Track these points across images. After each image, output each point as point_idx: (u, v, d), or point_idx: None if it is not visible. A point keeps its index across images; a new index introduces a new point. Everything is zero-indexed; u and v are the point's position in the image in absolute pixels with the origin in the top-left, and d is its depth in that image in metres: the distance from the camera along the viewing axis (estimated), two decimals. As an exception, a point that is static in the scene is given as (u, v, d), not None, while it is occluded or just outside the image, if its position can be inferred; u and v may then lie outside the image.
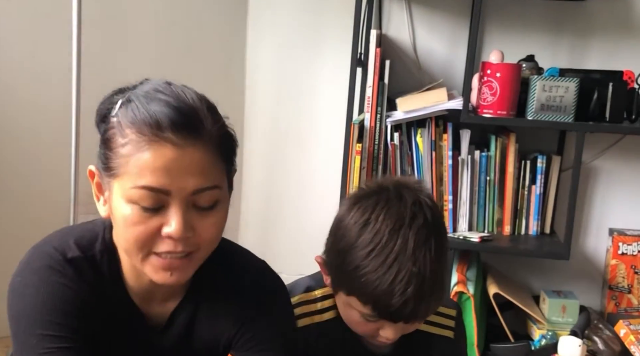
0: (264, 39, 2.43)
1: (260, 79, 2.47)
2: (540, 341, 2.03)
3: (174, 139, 0.87)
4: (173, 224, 0.88)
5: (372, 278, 0.97)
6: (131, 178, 0.87)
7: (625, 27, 2.20)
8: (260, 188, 2.51)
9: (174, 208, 0.89)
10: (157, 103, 0.89)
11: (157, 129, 0.86)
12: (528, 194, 2.14)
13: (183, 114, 0.88)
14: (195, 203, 0.90)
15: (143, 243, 0.90)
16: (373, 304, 0.99)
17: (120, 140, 0.88)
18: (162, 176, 0.87)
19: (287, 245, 2.48)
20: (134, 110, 0.89)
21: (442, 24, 2.29)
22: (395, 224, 0.99)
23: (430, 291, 0.99)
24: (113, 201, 0.91)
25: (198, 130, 0.89)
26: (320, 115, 2.42)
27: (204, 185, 0.90)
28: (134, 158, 0.87)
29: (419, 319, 1.03)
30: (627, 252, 2.22)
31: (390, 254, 0.97)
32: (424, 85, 2.20)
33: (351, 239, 1.02)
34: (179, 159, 0.87)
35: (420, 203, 1.02)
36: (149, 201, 0.88)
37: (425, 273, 0.97)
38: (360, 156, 2.06)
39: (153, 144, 0.86)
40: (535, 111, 1.96)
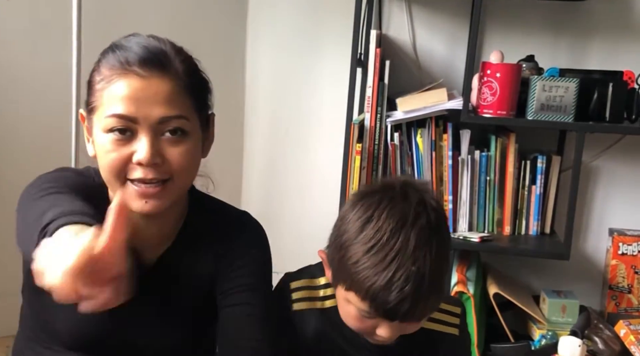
0: (264, 39, 2.43)
1: (260, 79, 2.47)
2: (540, 341, 2.03)
3: (140, 72, 0.97)
4: (141, 150, 0.97)
5: (370, 274, 0.98)
6: (105, 108, 0.97)
7: (625, 27, 2.20)
8: (260, 188, 2.51)
9: (142, 135, 0.97)
10: (129, 43, 1.01)
11: (125, 64, 0.97)
12: (528, 194, 2.14)
13: (150, 51, 0.99)
14: (162, 131, 0.98)
15: (118, 169, 0.98)
16: (370, 300, 0.99)
17: (97, 78, 1.00)
18: (129, 103, 0.96)
19: (287, 245, 2.48)
20: (110, 54, 1.00)
21: (442, 24, 2.29)
22: (398, 222, 0.99)
23: (429, 291, 0.99)
24: (94, 135, 1.01)
25: (163, 65, 0.99)
26: (320, 115, 2.42)
27: (169, 113, 0.98)
28: (106, 91, 0.98)
29: (415, 319, 1.03)
30: (627, 252, 2.22)
31: (390, 251, 0.98)
32: (424, 85, 2.20)
33: (353, 234, 1.02)
34: (144, 89, 0.97)
35: (425, 203, 1.03)
36: (120, 127, 0.97)
37: (424, 273, 0.98)
38: (360, 156, 2.06)
39: (121, 76, 0.97)
40: (535, 111, 1.96)
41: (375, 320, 1.03)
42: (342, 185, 2.09)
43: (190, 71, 1.03)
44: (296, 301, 1.15)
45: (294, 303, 1.15)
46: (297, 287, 1.16)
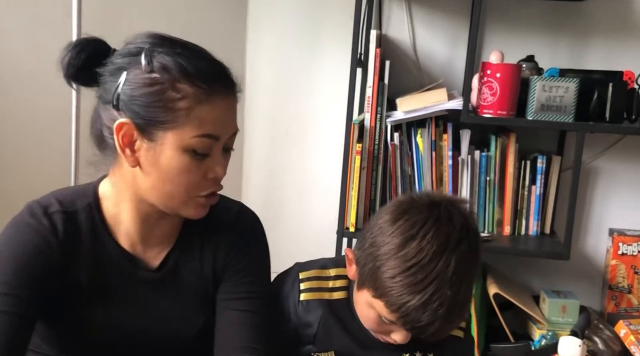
0: (264, 39, 2.43)
1: (260, 79, 2.46)
2: (540, 341, 2.03)
3: (222, 90, 1.00)
4: (218, 168, 1.03)
5: (406, 292, 0.99)
6: (192, 128, 0.98)
7: (625, 27, 2.20)
8: (260, 188, 2.51)
9: (217, 152, 1.02)
10: (196, 59, 1.00)
11: (210, 82, 0.99)
12: (528, 194, 2.14)
13: (220, 67, 1.03)
14: (226, 146, 1.05)
15: (193, 188, 1.02)
16: (401, 315, 1.01)
17: (174, 94, 0.97)
18: (218, 124, 1.00)
19: (287, 245, 2.48)
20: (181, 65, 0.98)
21: (442, 24, 2.29)
22: (441, 246, 1.01)
23: (457, 316, 1.03)
24: (163, 152, 0.99)
25: (232, 81, 1.04)
26: (320, 115, 2.42)
27: (236, 129, 1.06)
28: (195, 110, 0.97)
29: (436, 338, 1.06)
30: (627, 252, 2.22)
31: (430, 274, 0.99)
32: (424, 85, 2.20)
33: (393, 249, 1.02)
34: (227, 108, 1.02)
35: (468, 229, 1.04)
36: (204, 148, 1.00)
37: (458, 298, 1.00)
38: (360, 156, 2.06)
39: (210, 97, 0.98)
40: (535, 111, 1.96)
41: (394, 326, 1.06)
42: (342, 185, 2.09)
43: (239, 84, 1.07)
44: (304, 291, 1.16)
45: (301, 293, 1.16)
46: (306, 277, 1.18)
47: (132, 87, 0.98)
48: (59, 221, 1.05)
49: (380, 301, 1.03)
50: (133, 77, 0.98)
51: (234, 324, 1.10)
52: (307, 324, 1.14)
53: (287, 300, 1.17)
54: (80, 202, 1.08)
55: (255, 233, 1.18)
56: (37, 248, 1.02)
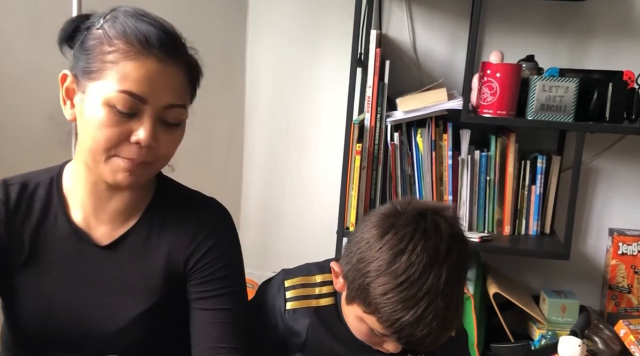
0: (264, 39, 2.43)
1: (260, 79, 2.47)
2: (540, 341, 2.03)
3: (159, 55, 0.98)
4: (143, 132, 0.98)
5: (399, 308, 0.98)
6: (114, 82, 0.96)
7: (625, 27, 2.20)
8: (261, 188, 2.51)
9: (147, 117, 0.98)
10: (145, 23, 1.00)
11: (145, 43, 0.97)
12: (528, 194, 2.14)
13: (168, 35, 1.01)
14: (163, 117, 1.00)
15: (111, 145, 0.99)
16: (395, 330, 1.00)
17: (107, 48, 0.98)
18: (144, 84, 0.97)
19: (287, 245, 2.48)
20: (123, 25, 0.99)
21: (442, 24, 2.29)
22: (431, 258, 0.99)
23: (450, 323, 1.02)
24: (86, 102, 1.00)
25: (178, 51, 1.01)
26: (320, 115, 2.42)
27: (176, 101, 1.01)
28: (120, 65, 0.96)
29: (431, 348, 1.05)
30: (627, 252, 2.22)
31: (422, 287, 0.98)
32: (424, 85, 2.20)
33: (382, 265, 1.01)
34: (161, 73, 0.98)
35: (455, 237, 1.03)
36: (126, 105, 0.97)
37: (451, 308, 1.00)
38: (360, 156, 2.07)
39: (140, 56, 0.97)
40: (535, 111, 1.96)
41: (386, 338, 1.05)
42: (342, 185, 2.09)
43: (192, 59, 1.05)
44: (290, 300, 1.14)
45: (287, 301, 1.14)
46: (291, 285, 1.16)
47: (82, 42, 1.02)
48: (14, 192, 1.08)
49: (372, 316, 1.02)
50: (88, 35, 1.02)
51: (207, 324, 1.07)
52: (295, 333, 1.13)
53: (274, 308, 1.15)
54: (43, 176, 1.11)
55: (222, 226, 1.14)
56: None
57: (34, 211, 1.08)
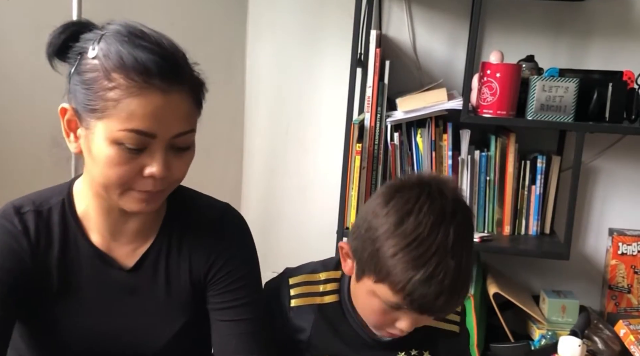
0: (264, 39, 2.43)
1: (260, 79, 2.47)
2: (540, 341, 2.03)
3: (162, 86, 0.92)
4: (156, 166, 0.95)
5: (409, 267, 0.97)
6: (120, 121, 0.92)
7: (625, 27, 2.20)
8: (260, 188, 2.51)
9: (158, 150, 0.95)
10: (142, 50, 0.93)
11: (146, 76, 0.91)
12: (528, 194, 2.14)
13: (167, 61, 0.94)
14: (173, 145, 0.97)
15: (125, 181, 0.96)
16: (407, 293, 0.98)
17: (107, 83, 0.92)
18: (150, 120, 0.92)
19: (287, 245, 2.48)
20: (119, 54, 0.93)
21: (442, 24, 2.29)
22: (438, 217, 1.00)
23: (462, 286, 1.01)
24: (94, 140, 0.95)
25: (181, 76, 0.95)
26: (320, 115, 2.42)
27: (185, 129, 0.97)
28: (123, 103, 0.91)
29: (445, 313, 1.05)
30: (627, 252, 2.22)
31: (431, 246, 0.98)
32: (424, 85, 2.20)
33: (390, 227, 1.01)
34: (166, 105, 0.93)
35: (459, 200, 1.05)
36: (135, 143, 0.93)
37: (461, 268, 0.99)
38: (360, 156, 2.07)
39: (143, 91, 0.91)
40: (535, 111, 1.96)
41: (399, 313, 1.04)
42: (342, 185, 2.09)
43: (196, 78, 1.00)
44: (294, 297, 1.15)
45: (292, 299, 1.15)
46: (295, 283, 1.16)
47: (78, 71, 0.97)
48: (31, 220, 1.04)
49: (383, 285, 1.01)
50: (82, 62, 0.97)
51: (226, 335, 1.07)
52: (299, 329, 1.13)
53: (279, 307, 1.15)
54: (54, 199, 1.07)
55: (240, 235, 1.14)
56: (9, 249, 1.02)
57: (54, 239, 1.05)
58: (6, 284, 1.00)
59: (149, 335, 1.07)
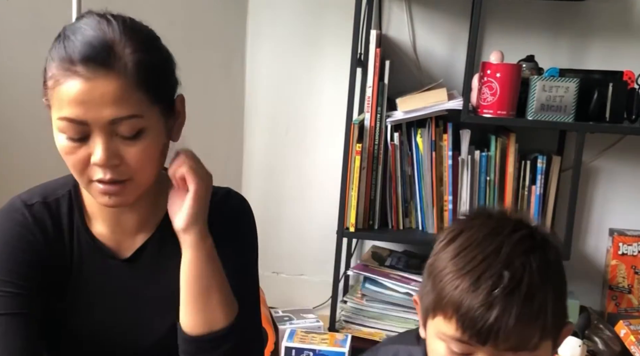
0: (264, 39, 2.43)
1: (260, 79, 2.47)
2: (540, 341, 2.03)
3: (83, 72, 0.91)
4: (96, 153, 0.94)
5: (455, 277, 0.86)
6: (55, 110, 0.95)
7: (625, 27, 2.20)
8: (260, 188, 2.51)
9: (96, 137, 0.94)
10: (75, 39, 0.94)
11: (69, 63, 0.92)
12: (528, 194, 2.14)
13: (93, 48, 0.92)
14: (117, 132, 0.94)
15: (79, 171, 0.96)
16: (455, 310, 0.85)
17: (49, 72, 0.95)
18: (76, 107, 0.92)
19: (287, 245, 2.48)
20: (58, 46, 0.96)
21: (442, 24, 2.29)
22: (492, 231, 0.88)
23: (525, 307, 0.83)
24: (54, 131, 0.98)
25: (108, 63, 0.92)
26: (320, 115, 2.42)
27: (120, 114, 0.93)
28: (55, 91, 0.94)
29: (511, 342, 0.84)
30: (627, 252, 2.22)
31: (479, 254, 0.86)
32: (424, 85, 2.20)
33: (440, 250, 0.91)
34: (89, 91, 0.91)
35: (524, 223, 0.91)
36: (72, 131, 0.94)
37: (519, 281, 0.83)
38: (360, 156, 2.06)
39: (66, 78, 0.92)
40: (535, 111, 1.96)
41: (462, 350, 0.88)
42: (342, 185, 2.09)
43: (142, 62, 0.95)
44: None
45: None
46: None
47: None
48: (40, 212, 1.04)
49: (439, 316, 0.88)
50: None
51: None
52: None
53: None
54: (60, 191, 1.07)
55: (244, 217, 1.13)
56: (26, 241, 1.02)
57: (64, 230, 1.05)
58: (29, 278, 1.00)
59: (141, 328, 1.07)
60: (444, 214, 2.14)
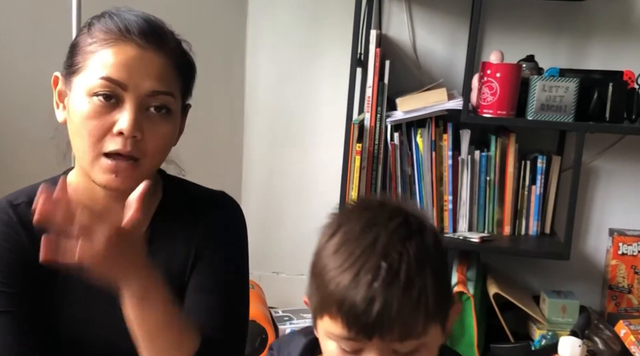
0: (264, 39, 2.43)
1: (260, 79, 2.47)
2: (540, 341, 2.03)
3: (139, 41, 0.97)
4: (125, 120, 0.95)
5: (336, 274, 0.85)
6: (94, 70, 0.96)
7: (625, 27, 2.20)
8: (260, 188, 2.51)
9: (128, 104, 0.96)
10: (128, 15, 1.01)
11: (125, 31, 0.97)
12: (528, 194, 2.14)
13: (150, 24, 1.01)
14: (149, 105, 0.98)
15: (96, 138, 0.97)
16: (338, 307, 0.84)
17: (88, 40, 0.99)
18: (122, 70, 0.96)
19: (287, 245, 2.48)
20: (106, 19, 1.00)
21: (442, 24, 2.29)
22: (369, 222, 0.87)
23: (405, 296, 0.83)
24: (72, 99, 0.99)
25: (161, 39, 1.00)
26: (320, 115, 2.42)
27: (159, 88, 0.98)
28: (98, 53, 0.97)
29: (394, 334, 0.83)
30: (627, 252, 2.22)
31: (357, 248, 0.85)
32: (424, 85, 2.20)
33: (320, 248, 0.90)
34: (140, 59, 0.97)
35: (403, 211, 0.90)
36: (107, 90, 0.96)
37: (397, 271, 0.83)
38: (360, 156, 2.06)
39: (118, 42, 0.97)
40: (535, 111, 1.96)
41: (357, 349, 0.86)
42: (342, 185, 2.09)
43: (182, 52, 1.05)
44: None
45: None
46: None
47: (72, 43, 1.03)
48: (25, 212, 1.03)
49: (325, 316, 0.87)
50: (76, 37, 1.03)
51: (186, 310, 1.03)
52: None
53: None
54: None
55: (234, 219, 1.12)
56: (12, 240, 1.02)
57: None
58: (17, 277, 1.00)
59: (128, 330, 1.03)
60: (444, 214, 2.14)
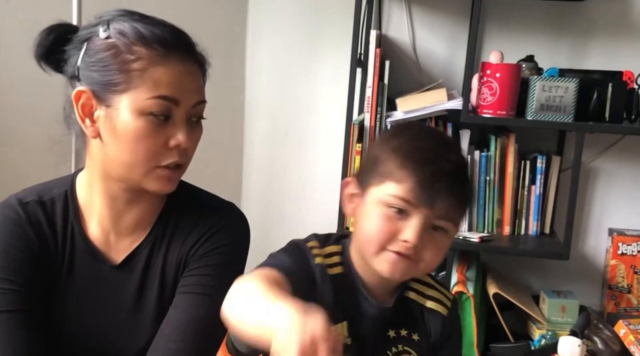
0: (264, 39, 2.43)
1: (260, 79, 2.47)
2: (540, 341, 2.03)
3: (180, 55, 0.99)
4: (181, 135, 0.98)
5: (408, 142, 1.02)
6: (146, 89, 0.96)
7: (625, 27, 2.20)
8: (260, 188, 2.51)
9: (180, 118, 0.99)
10: (154, 25, 1.00)
11: (166, 45, 0.98)
12: (528, 194, 2.14)
13: (182, 34, 1.03)
14: (191, 115, 1.01)
15: (152, 155, 0.98)
16: (411, 173, 0.98)
17: (129, 56, 0.96)
18: (175, 87, 0.97)
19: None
20: (134, 30, 0.98)
21: (442, 24, 2.29)
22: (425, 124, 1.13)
23: (464, 190, 1.02)
24: (119, 117, 0.97)
25: (193, 50, 1.03)
26: (320, 115, 2.42)
27: (200, 98, 1.02)
28: (149, 72, 0.96)
29: (445, 210, 0.99)
30: (626, 252, 2.22)
31: (429, 141, 1.03)
32: (424, 85, 2.20)
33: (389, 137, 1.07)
34: (186, 73, 0.99)
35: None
36: (162, 110, 0.96)
37: (463, 169, 1.03)
38: (360, 156, 2.06)
39: (166, 59, 0.97)
40: (535, 111, 1.96)
41: (403, 222, 0.99)
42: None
43: (202, 55, 1.06)
44: (315, 257, 1.11)
45: (315, 257, 1.11)
46: (313, 246, 1.14)
47: (90, 54, 0.99)
48: (35, 211, 1.04)
49: (389, 181, 1.00)
50: (92, 46, 0.99)
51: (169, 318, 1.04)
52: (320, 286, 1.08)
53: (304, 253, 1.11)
54: (56, 190, 1.07)
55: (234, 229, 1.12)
56: (20, 238, 1.02)
57: (58, 230, 1.05)
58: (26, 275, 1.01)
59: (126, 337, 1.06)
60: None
